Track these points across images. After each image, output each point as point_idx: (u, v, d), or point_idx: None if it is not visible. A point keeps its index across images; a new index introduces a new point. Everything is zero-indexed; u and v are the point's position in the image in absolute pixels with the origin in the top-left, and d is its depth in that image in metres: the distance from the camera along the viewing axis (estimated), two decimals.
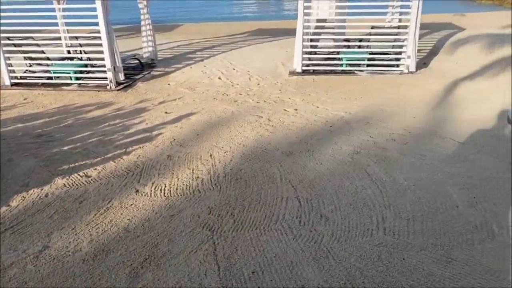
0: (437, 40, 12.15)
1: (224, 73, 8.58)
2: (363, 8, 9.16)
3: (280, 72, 8.68)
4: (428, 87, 7.08)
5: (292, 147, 4.45)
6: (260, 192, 3.45)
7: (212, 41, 12.29)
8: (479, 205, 3.08)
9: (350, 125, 5.25)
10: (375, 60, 8.56)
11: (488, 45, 10.41)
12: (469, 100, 6.16)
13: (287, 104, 6.46)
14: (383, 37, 8.69)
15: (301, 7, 8.16)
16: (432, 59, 9.92)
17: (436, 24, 15.56)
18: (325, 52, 9.04)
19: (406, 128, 5.05)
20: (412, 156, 4.04)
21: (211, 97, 6.91)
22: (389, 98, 6.53)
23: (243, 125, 5.37)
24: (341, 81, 7.90)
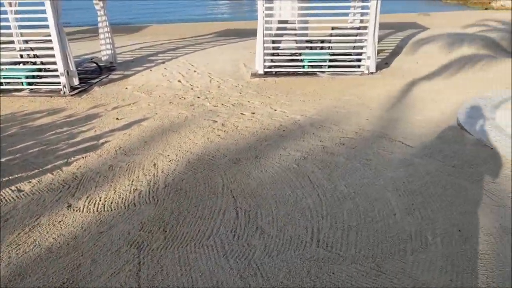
0: (400, 39, 12.26)
1: (184, 76, 8.38)
2: (326, 9, 9.13)
3: (242, 74, 8.54)
4: (386, 88, 7.08)
5: (241, 154, 4.31)
6: (199, 204, 3.30)
7: (177, 42, 12.05)
8: (417, 212, 3.01)
9: (303, 129, 5.16)
10: (336, 61, 8.52)
11: (448, 44, 10.56)
12: (424, 100, 6.17)
13: (245, 107, 6.33)
14: (344, 38, 8.66)
15: (261, 7, 8.04)
16: (394, 59, 9.98)
17: (401, 24, 15.74)
18: (287, 53, 8.96)
19: (358, 131, 5.00)
20: (358, 161, 3.97)
21: (167, 101, 6.71)
22: (346, 100, 6.48)
23: (195, 130, 5.21)
24: (302, 82, 7.82)
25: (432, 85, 7.09)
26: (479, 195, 3.22)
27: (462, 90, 6.48)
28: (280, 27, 9.01)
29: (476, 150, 4.13)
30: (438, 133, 4.71)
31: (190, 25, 16.62)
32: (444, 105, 5.78)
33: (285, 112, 6.02)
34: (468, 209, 3.03)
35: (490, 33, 11.77)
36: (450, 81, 7.30)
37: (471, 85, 6.80)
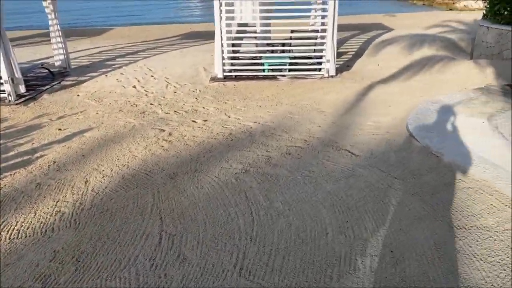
0: (364, 41, 12.22)
1: (140, 81, 8.05)
2: (287, 12, 8.93)
3: (201, 78, 8.27)
4: (344, 92, 6.94)
5: (180, 168, 4.05)
6: (122, 228, 3.03)
7: (138, 45, 11.66)
8: (350, 231, 2.82)
9: (252, 137, 4.94)
10: (297, 65, 8.35)
11: (409, 46, 10.55)
12: (379, 105, 6.04)
13: (198, 114, 6.06)
14: (303, 41, 8.50)
15: (217, 9, 7.78)
16: (356, 61, 9.89)
17: (367, 25, 15.75)
18: (247, 57, 8.72)
19: (308, 139, 4.81)
20: (300, 173, 3.77)
21: (117, 109, 6.37)
22: (302, 105, 6.31)
23: (138, 141, 4.91)
24: (262, 86, 7.61)
25: (389, 88, 6.99)
26: (417, 209, 3.06)
27: (417, 94, 6.39)
28: (240, 30, 8.77)
29: (422, 158, 3.99)
30: (387, 140, 4.57)
31: (157, 27, 16.21)
32: (397, 110, 5.67)
33: (239, 119, 5.79)
34: (404, 226, 2.86)
35: (451, 34, 11.85)
36: (407, 84, 7.22)
37: (427, 88, 6.73)
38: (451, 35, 11.62)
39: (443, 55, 9.31)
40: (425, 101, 5.69)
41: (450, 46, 10.46)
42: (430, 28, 13.69)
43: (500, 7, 8.57)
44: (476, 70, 7.33)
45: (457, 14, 18.58)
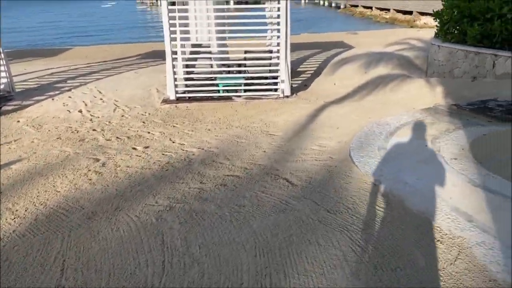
0: (324, 59, 12.20)
1: (87, 105, 7.64)
2: (243, 32, 8.76)
3: (153, 101, 7.94)
4: (296, 113, 6.74)
5: (101, 205, 3.68)
6: (15, 284, 2.63)
7: (93, 66, 11.24)
8: (267, 280, 2.53)
9: (190, 166, 4.62)
10: (252, 85, 8.15)
11: (366, 64, 10.55)
12: (327, 127, 5.86)
13: (142, 140, 5.71)
14: (257, 61, 8.32)
15: (166, 27, 7.51)
16: (314, 80, 9.79)
17: (328, 43, 15.84)
18: (202, 77, 8.45)
19: (249, 166, 4.53)
20: (229, 208, 3.47)
21: (55, 137, 5.95)
22: (252, 127, 6.06)
23: (66, 174, 4.51)
24: (215, 108, 7.34)
25: (341, 109, 6.84)
26: (343, 249, 2.81)
27: (367, 115, 6.25)
28: (195, 50, 8.52)
29: (359, 187, 3.77)
30: (328, 167, 4.34)
31: (118, 46, 15.82)
32: (344, 132, 5.48)
33: (183, 144, 5.47)
34: (328, 273, 2.59)
35: (408, 52, 11.97)
36: (359, 104, 7.10)
37: (377, 109, 6.61)
38: (408, 53, 11.75)
39: (398, 74, 9.32)
40: (372, 123, 5.53)
41: (406, 64, 10.53)
42: (389, 46, 13.85)
43: (449, 26, 8.66)
44: (427, 89, 7.30)
45: (417, 32, 18.99)
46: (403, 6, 28.89)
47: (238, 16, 8.74)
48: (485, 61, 7.71)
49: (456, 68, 8.36)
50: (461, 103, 6.06)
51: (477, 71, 7.89)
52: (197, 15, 9.03)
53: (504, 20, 7.49)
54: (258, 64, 8.32)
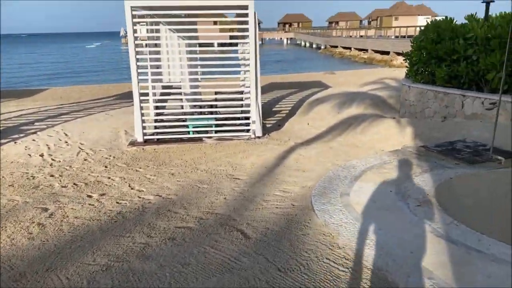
0: (300, 99, 12.22)
1: (51, 148, 7.32)
2: (216, 74, 8.69)
3: (120, 143, 7.67)
4: (265, 155, 6.53)
5: (33, 265, 3.31)
6: None
7: (65, 107, 11.01)
8: None
9: (142, 217, 4.30)
10: (223, 126, 7.98)
11: (340, 104, 10.55)
12: (293, 171, 5.64)
13: (99, 186, 5.38)
14: (228, 102, 8.20)
15: (134, 69, 7.37)
16: (288, 120, 9.70)
17: (306, 83, 16.01)
18: (172, 118, 8.26)
19: (204, 216, 4.23)
20: (172, 267, 3.14)
21: (8, 184, 5.58)
22: (218, 171, 5.80)
23: (7, 226, 4.13)
24: (184, 150, 7.10)
25: (310, 150, 6.66)
26: None
27: (335, 157, 6.08)
28: (165, 91, 8.37)
29: (316, 239, 3.49)
30: (287, 216, 4.07)
31: (95, 87, 15.70)
32: (310, 176, 5.27)
33: (142, 191, 5.16)
34: None
35: (382, 91, 12.07)
36: (329, 145, 6.94)
37: (346, 151, 6.45)
38: (382, 92, 11.84)
39: (370, 114, 9.29)
40: (338, 166, 5.34)
41: (379, 104, 10.56)
42: (365, 85, 14.02)
43: (418, 67, 8.75)
44: (397, 130, 7.21)
45: (392, 71, 19.43)
46: (380, 46, 29.81)
47: (210, 57, 8.71)
48: (454, 102, 7.72)
49: (426, 108, 8.35)
50: (429, 144, 5.94)
51: (447, 111, 7.88)
52: (170, 56, 8.99)
53: (470, 62, 7.57)
54: (229, 105, 8.20)
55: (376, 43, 31.40)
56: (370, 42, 32.69)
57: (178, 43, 9.21)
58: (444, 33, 8.07)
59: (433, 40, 8.28)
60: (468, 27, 7.72)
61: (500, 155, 5.18)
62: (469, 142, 5.95)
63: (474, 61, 7.46)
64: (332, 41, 43.43)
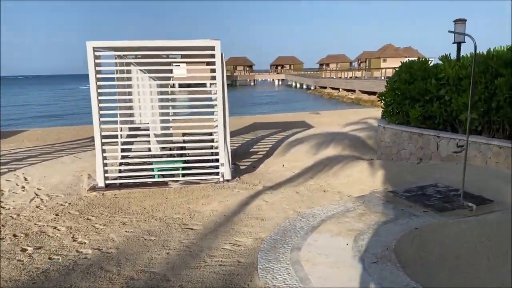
0: (280, 139, 11.91)
1: (4, 194, 6.83)
2: (187, 115, 8.37)
3: (80, 188, 7.21)
4: (227, 201, 6.07)
5: None
6: None
7: (35, 150, 10.59)
8: None
9: (68, 276, 3.78)
10: (191, 169, 7.56)
11: (318, 145, 10.21)
12: (253, 219, 5.16)
13: (40, 238, 4.88)
14: (197, 144, 7.82)
15: (95, 108, 7.03)
16: (264, 161, 9.32)
17: (290, 123, 15.79)
18: (137, 161, 7.83)
19: (137, 275, 3.72)
20: None
21: None
22: (173, 220, 5.33)
23: None
24: (146, 195, 6.63)
25: (276, 195, 6.22)
26: None
27: (299, 203, 5.63)
28: (131, 134, 7.99)
29: None
30: (229, 275, 3.57)
31: (75, 128, 15.38)
32: (267, 226, 4.79)
33: (83, 243, 4.66)
34: None
35: (362, 132, 11.79)
36: (297, 190, 6.50)
37: (313, 196, 6.01)
38: (362, 133, 11.55)
39: (346, 155, 8.94)
40: (298, 214, 4.88)
41: (357, 145, 10.23)
42: (347, 125, 13.77)
43: (393, 107, 8.49)
44: (368, 173, 6.81)
45: (377, 111, 19.24)
46: (367, 87, 30.07)
47: (180, 98, 8.45)
48: (429, 143, 7.38)
49: (402, 149, 8.01)
50: (399, 189, 5.52)
51: (422, 153, 7.53)
52: (141, 97, 8.72)
53: (443, 102, 7.31)
54: (197, 147, 7.83)
55: (363, 84, 31.73)
56: (357, 83, 33.05)
57: (149, 84, 8.98)
58: (417, 73, 7.89)
59: (406, 81, 8.08)
60: (440, 67, 7.54)
61: (472, 201, 4.76)
62: (441, 186, 5.54)
63: (447, 101, 7.21)
64: (321, 82, 44.02)
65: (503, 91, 6.07)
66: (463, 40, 7.77)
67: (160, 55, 8.58)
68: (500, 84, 6.02)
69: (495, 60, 6.25)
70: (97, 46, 6.92)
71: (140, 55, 8.42)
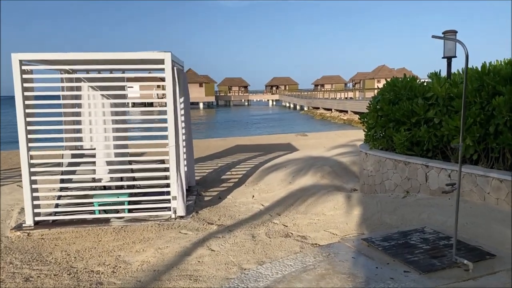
0: (257, 164, 10.75)
1: None
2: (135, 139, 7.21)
3: (5, 226, 6.00)
4: (167, 248, 4.87)
5: None
6: None
7: None
8: None
9: None
10: (138, 203, 6.37)
11: (295, 172, 9.04)
12: (185, 278, 3.95)
13: None
14: (148, 173, 6.62)
15: (23, 132, 5.89)
16: (234, 190, 8.14)
17: (273, 146, 14.68)
18: (76, 194, 6.62)
19: None
20: None
21: None
22: (89, 274, 4.13)
23: None
24: (78, 236, 5.44)
25: (228, 240, 5.00)
26: None
27: (248, 256, 4.41)
28: (73, 162, 6.79)
29: None
30: None
31: None
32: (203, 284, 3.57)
33: None
34: None
35: (347, 156, 10.61)
36: (255, 233, 5.29)
37: (268, 244, 4.79)
38: (346, 158, 10.38)
39: (324, 185, 7.76)
40: (238, 274, 3.67)
41: (339, 172, 9.06)
42: (332, 149, 12.63)
43: (376, 131, 7.36)
44: (344, 211, 5.62)
45: None
46: (359, 108, 29.15)
47: (130, 119, 7.32)
48: (416, 173, 6.22)
49: (386, 180, 6.84)
50: (376, 236, 4.32)
51: (409, 184, 6.35)
52: (92, 118, 7.57)
53: (432, 125, 6.19)
54: (147, 177, 6.63)
55: (355, 104, 30.80)
56: (349, 103, 32.12)
57: (102, 103, 7.86)
58: (401, 92, 6.79)
59: (390, 101, 6.99)
60: (428, 86, 6.45)
61: (468, 255, 3.57)
62: (428, 232, 4.34)
63: (436, 124, 6.09)
64: (314, 102, 43.15)
65: (502, 113, 4.96)
66: (454, 54, 6.71)
67: (116, 71, 7.51)
68: (499, 104, 4.91)
69: (492, 76, 5.16)
70: (25, 58, 5.82)
71: (88, 70, 7.35)
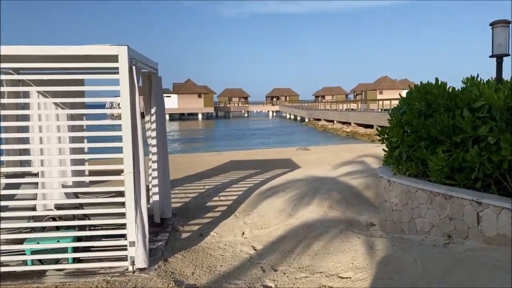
0: (251, 186, 8.97)
1: None
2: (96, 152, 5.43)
3: None
4: None
5: None
6: None
7: None
8: None
9: None
10: (85, 250, 4.62)
11: (297, 199, 7.25)
12: None
13: None
14: (99, 210, 4.84)
15: None
16: (219, 223, 6.40)
17: (272, 162, 12.92)
18: (4, 238, 4.85)
19: None
20: None
21: None
22: None
23: None
24: None
25: None
26: None
27: None
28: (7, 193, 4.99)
29: None
30: None
31: None
32: None
33: None
34: None
35: (357, 178, 8.80)
36: None
37: None
38: (357, 180, 8.58)
39: (333, 220, 5.98)
40: None
41: (351, 199, 7.26)
42: (339, 167, 10.84)
43: (401, 152, 5.59)
44: (366, 273, 3.81)
45: (375, 148, 16.39)
46: (363, 119, 27.43)
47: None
48: (463, 211, 4.44)
49: (418, 217, 5.05)
50: None
51: (451, 226, 4.56)
52: (43, 133, 5.90)
53: (485, 146, 4.44)
54: (98, 214, 4.87)
55: (359, 116, 29.09)
56: (352, 115, 30.41)
57: (56, 114, 6.18)
58: (437, 101, 5.06)
59: (420, 112, 5.25)
60: (474, 93, 4.71)
61: None
62: None
63: (491, 145, 4.34)
64: (315, 114, 41.44)
65: None
66: (506, 51, 4.97)
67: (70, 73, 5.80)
68: None
69: None
70: None
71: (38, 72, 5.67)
